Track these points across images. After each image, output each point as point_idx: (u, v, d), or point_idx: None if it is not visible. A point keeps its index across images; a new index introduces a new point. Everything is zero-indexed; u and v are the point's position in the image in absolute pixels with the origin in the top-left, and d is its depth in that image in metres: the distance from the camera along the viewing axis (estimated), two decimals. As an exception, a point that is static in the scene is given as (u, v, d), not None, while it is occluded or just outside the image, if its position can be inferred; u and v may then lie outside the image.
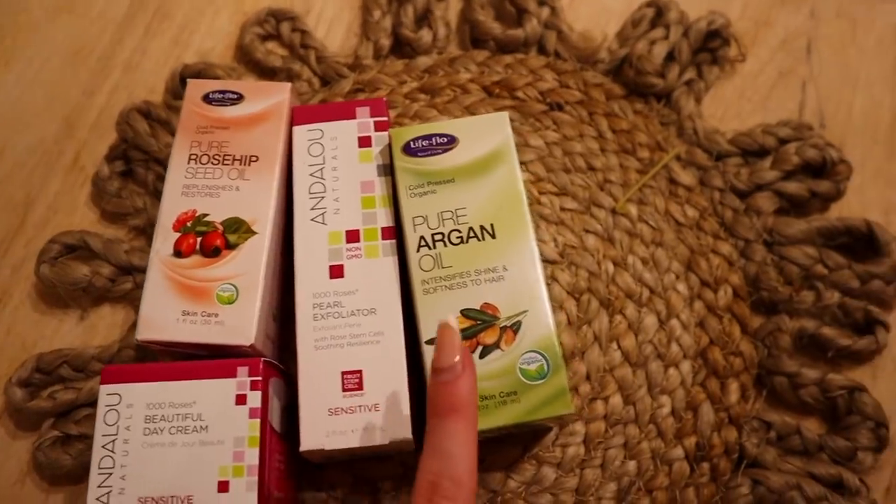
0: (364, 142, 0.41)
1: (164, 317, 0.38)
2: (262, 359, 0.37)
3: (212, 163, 0.41)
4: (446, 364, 0.30)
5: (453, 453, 0.29)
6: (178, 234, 0.39)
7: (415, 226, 0.38)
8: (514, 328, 0.36)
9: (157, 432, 0.35)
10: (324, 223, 0.39)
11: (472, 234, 0.38)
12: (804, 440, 0.41)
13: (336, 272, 0.38)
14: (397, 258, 0.39)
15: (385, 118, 0.42)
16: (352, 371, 0.36)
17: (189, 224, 0.40)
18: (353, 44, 0.52)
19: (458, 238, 0.38)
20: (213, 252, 0.39)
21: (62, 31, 0.53)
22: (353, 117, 0.42)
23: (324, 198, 0.40)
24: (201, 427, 0.35)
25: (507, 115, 0.41)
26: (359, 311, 0.37)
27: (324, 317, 0.37)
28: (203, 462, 0.35)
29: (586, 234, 0.46)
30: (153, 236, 0.39)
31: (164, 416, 0.36)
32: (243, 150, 0.41)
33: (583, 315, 0.44)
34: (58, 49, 0.53)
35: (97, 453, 0.35)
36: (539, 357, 0.36)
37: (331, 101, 0.49)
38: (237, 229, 0.39)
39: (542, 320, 0.36)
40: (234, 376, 0.36)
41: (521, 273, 0.37)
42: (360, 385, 0.36)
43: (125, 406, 0.36)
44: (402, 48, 0.51)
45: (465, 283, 0.37)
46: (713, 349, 0.43)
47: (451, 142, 0.40)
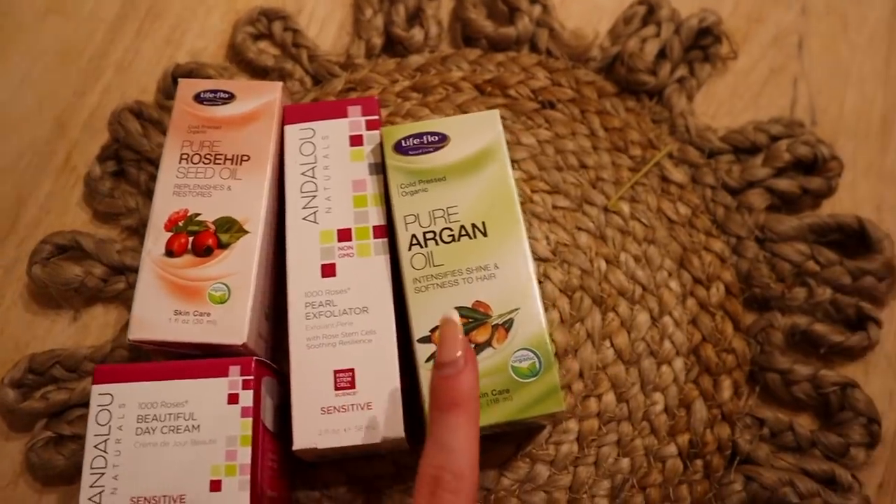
0: (356, 140, 0.41)
1: (156, 316, 0.38)
2: (255, 358, 0.37)
3: (203, 162, 0.41)
4: (449, 358, 0.30)
5: (455, 447, 0.29)
6: (170, 234, 0.39)
7: (406, 224, 0.38)
8: (506, 326, 0.36)
9: (149, 432, 0.35)
10: (315, 222, 0.39)
11: (463, 233, 0.38)
12: (797, 436, 0.41)
13: (328, 271, 0.38)
14: (389, 257, 0.39)
15: (377, 117, 0.42)
16: (344, 370, 0.36)
17: (181, 224, 0.40)
18: (344, 43, 0.52)
19: (449, 236, 0.38)
20: (205, 251, 0.39)
21: (52, 31, 0.53)
22: (344, 116, 0.42)
23: (315, 196, 0.40)
24: (193, 426, 0.35)
25: (498, 112, 0.41)
26: (351, 309, 0.37)
27: (316, 315, 0.37)
28: (195, 461, 0.35)
29: (578, 232, 0.46)
30: (145, 236, 0.39)
31: (156, 415, 0.36)
32: (235, 150, 0.41)
33: (575, 313, 0.44)
34: (48, 49, 0.52)
35: (89, 453, 0.35)
36: (531, 355, 0.36)
37: (323, 100, 0.49)
38: (229, 229, 0.39)
39: (533, 318, 0.36)
40: (227, 375, 0.36)
41: (512, 271, 0.37)
42: (353, 384, 0.36)
43: (117, 406, 0.36)
44: (394, 47, 0.51)
45: (457, 281, 0.37)
46: (706, 346, 0.43)
47: (442, 140, 0.40)
